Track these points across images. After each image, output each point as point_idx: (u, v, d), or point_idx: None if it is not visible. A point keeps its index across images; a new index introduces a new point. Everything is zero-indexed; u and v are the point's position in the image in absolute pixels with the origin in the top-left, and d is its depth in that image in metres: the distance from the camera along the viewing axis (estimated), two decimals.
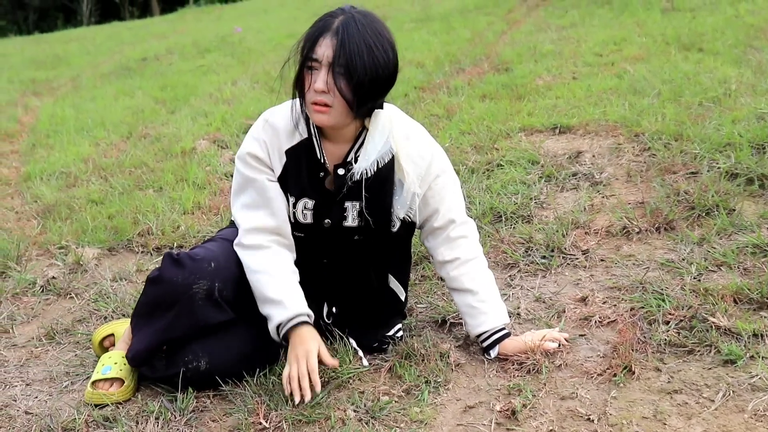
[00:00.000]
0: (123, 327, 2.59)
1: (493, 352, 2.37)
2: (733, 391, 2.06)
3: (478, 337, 2.40)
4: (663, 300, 2.52)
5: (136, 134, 5.69)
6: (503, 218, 3.37)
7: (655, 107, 4.35)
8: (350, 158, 2.26)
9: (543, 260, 2.98)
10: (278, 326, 2.26)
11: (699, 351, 2.26)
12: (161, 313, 2.30)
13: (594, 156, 3.89)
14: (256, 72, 7.76)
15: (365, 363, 2.40)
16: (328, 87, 2.08)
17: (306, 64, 2.11)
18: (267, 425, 2.13)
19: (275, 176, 2.28)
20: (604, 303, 2.61)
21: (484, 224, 3.31)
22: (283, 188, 2.30)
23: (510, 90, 5.34)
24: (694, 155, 3.59)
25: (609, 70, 5.48)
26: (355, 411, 2.17)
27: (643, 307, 2.52)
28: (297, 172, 2.28)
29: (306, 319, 2.27)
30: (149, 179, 4.48)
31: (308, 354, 2.21)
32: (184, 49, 10.37)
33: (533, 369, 2.28)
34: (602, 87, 4.99)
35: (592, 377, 2.22)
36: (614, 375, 2.19)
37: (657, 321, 2.42)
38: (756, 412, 1.97)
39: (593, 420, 2.02)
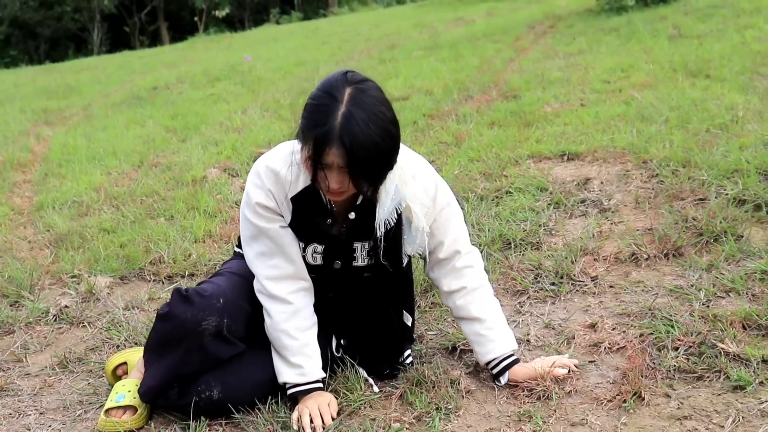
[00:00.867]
0: (136, 355, 2.61)
1: (503, 379, 2.39)
2: (743, 417, 2.07)
3: (488, 365, 2.42)
4: (672, 326, 2.53)
5: (147, 163, 5.74)
6: (512, 245, 3.39)
7: (663, 134, 4.37)
8: (359, 202, 2.27)
9: (552, 287, 3.00)
10: (289, 385, 2.34)
11: (708, 377, 2.27)
12: (171, 349, 2.33)
13: (602, 183, 3.91)
14: (266, 100, 7.83)
15: (376, 389, 2.41)
16: (344, 185, 2.07)
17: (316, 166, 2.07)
18: None
19: (287, 222, 2.28)
20: (614, 329, 2.62)
21: (494, 251, 3.33)
22: (294, 233, 2.31)
23: (518, 117, 5.37)
24: (702, 182, 3.61)
25: (617, 97, 5.51)
26: None
27: (652, 333, 2.53)
28: (305, 219, 2.28)
29: (320, 386, 2.35)
30: (160, 208, 4.52)
31: (320, 403, 2.29)
32: (195, 78, 10.46)
33: (543, 395, 2.29)
34: (610, 114, 5.02)
35: (602, 403, 2.23)
36: (624, 401, 2.20)
37: (666, 347, 2.43)
38: None
39: None
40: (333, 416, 2.29)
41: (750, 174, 3.54)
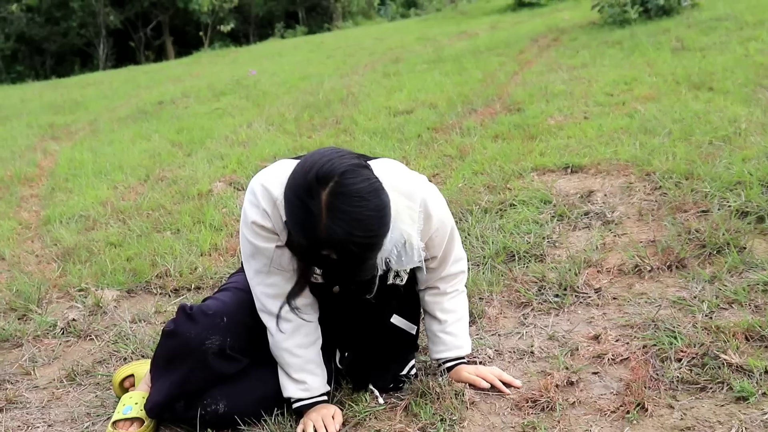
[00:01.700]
0: (143, 368, 2.64)
1: (445, 375, 2.52)
2: (746, 428, 2.08)
3: (436, 359, 2.55)
4: (675, 337, 2.55)
5: (154, 177, 5.77)
6: (516, 257, 3.41)
7: (666, 146, 4.39)
8: None
9: (556, 299, 3.01)
10: (293, 400, 2.37)
11: (711, 388, 2.29)
12: (177, 366, 2.36)
13: (606, 195, 3.93)
14: (271, 114, 7.86)
15: (381, 401, 2.43)
16: None
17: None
18: None
19: (283, 242, 2.23)
20: (617, 341, 2.64)
21: (498, 263, 3.35)
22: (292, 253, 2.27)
23: (522, 130, 5.40)
24: (705, 194, 3.62)
25: (620, 110, 5.53)
26: None
27: (656, 345, 2.54)
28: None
29: (324, 399, 2.38)
30: (167, 221, 4.55)
31: (324, 415, 2.32)
32: (200, 93, 10.51)
33: (547, 406, 2.30)
34: (613, 126, 5.04)
35: (606, 414, 2.24)
36: (627, 412, 2.22)
37: (669, 358, 2.45)
38: None
39: None
40: (337, 428, 2.31)
41: (753, 186, 3.56)
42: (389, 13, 24.63)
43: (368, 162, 2.15)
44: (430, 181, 4.27)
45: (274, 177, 2.18)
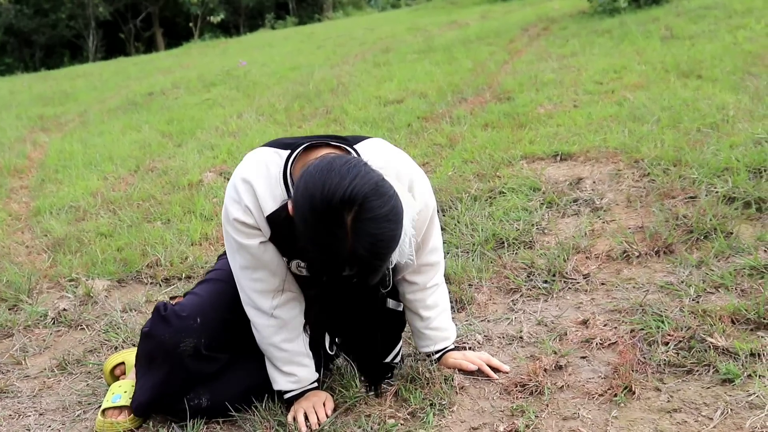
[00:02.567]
0: (133, 356, 2.65)
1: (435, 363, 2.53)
2: (731, 410, 2.10)
3: (423, 353, 2.56)
4: (662, 321, 2.57)
5: (144, 168, 5.77)
6: (505, 244, 3.42)
7: (655, 134, 4.41)
8: None
9: (545, 285, 3.03)
10: (284, 391, 2.38)
11: (697, 371, 2.31)
12: (156, 367, 2.38)
13: (594, 182, 3.95)
14: (261, 105, 7.86)
15: (372, 393, 2.45)
16: None
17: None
18: None
19: (266, 237, 2.20)
20: (605, 325, 2.66)
21: (487, 250, 3.37)
22: (276, 247, 2.25)
23: (512, 119, 5.41)
24: (693, 180, 3.64)
25: (609, 98, 5.55)
26: None
27: (643, 329, 2.56)
28: (284, 237, 2.20)
29: (315, 387, 2.40)
30: (157, 212, 4.55)
31: (314, 402, 2.34)
32: (190, 83, 10.49)
33: (536, 390, 2.32)
34: (602, 114, 5.06)
35: (594, 398, 2.26)
36: (615, 395, 2.24)
37: (656, 342, 2.47)
38: (753, 430, 2.01)
39: None
40: (328, 413, 2.32)
41: (740, 172, 3.58)
42: (380, 3, 24.59)
43: (356, 146, 2.16)
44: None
45: (254, 169, 2.15)
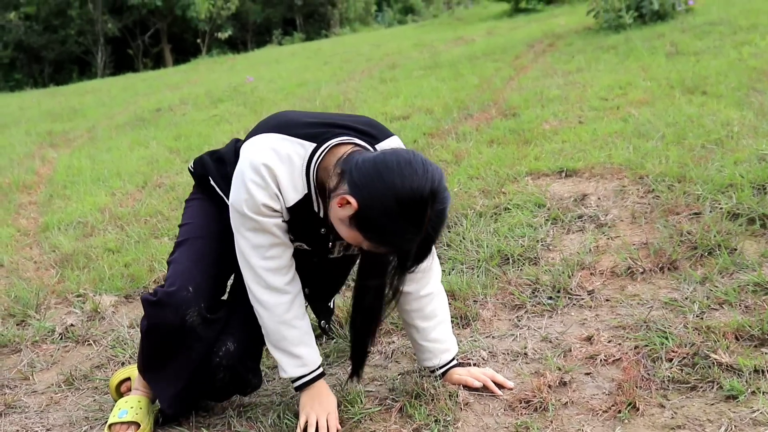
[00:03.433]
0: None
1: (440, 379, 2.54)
2: (735, 426, 2.11)
3: (425, 367, 2.58)
4: (666, 338, 2.58)
5: (151, 184, 5.80)
6: (510, 261, 3.44)
7: (659, 150, 4.42)
8: None
9: (549, 301, 3.05)
10: (293, 379, 2.39)
11: (701, 387, 2.32)
12: (172, 356, 2.39)
13: (599, 198, 3.96)
14: None
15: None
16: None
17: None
18: None
19: (286, 219, 2.28)
20: (609, 342, 2.67)
21: (492, 267, 3.38)
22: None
23: (517, 135, 5.43)
24: (697, 196, 3.66)
25: (614, 114, 5.56)
26: None
27: (647, 345, 2.57)
28: (298, 223, 2.30)
29: (322, 373, 2.41)
30: (164, 227, 4.58)
31: (329, 413, 2.35)
32: (198, 100, 10.54)
33: (540, 407, 2.34)
34: (607, 131, 5.08)
35: (598, 414, 2.27)
36: (619, 411, 2.25)
37: (660, 358, 2.48)
38: None
39: None
40: (339, 428, 2.34)
41: (744, 188, 3.59)
42: (386, 20, 24.69)
43: (377, 146, 2.26)
44: None
45: (276, 158, 2.20)
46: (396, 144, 2.32)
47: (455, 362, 2.56)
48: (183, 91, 11.92)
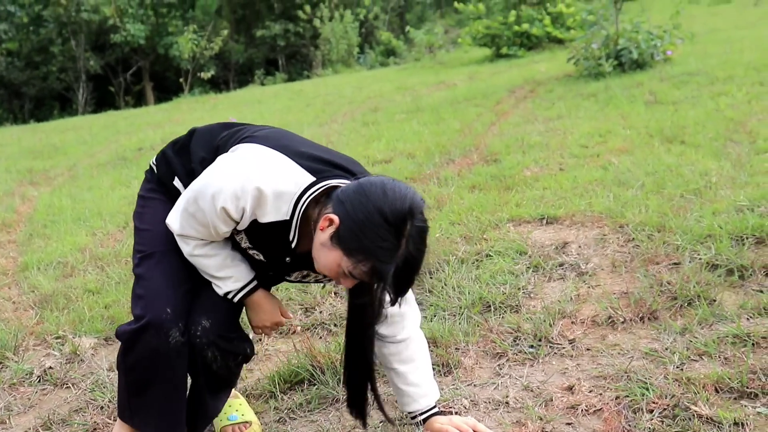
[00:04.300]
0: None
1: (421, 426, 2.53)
2: None
3: (406, 412, 2.56)
4: (647, 389, 2.60)
5: (132, 224, 5.78)
6: (492, 308, 3.45)
7: (639, 199, 4.48)
8: None
9: (531, 349, 3.06)
10: (231, 294, 2.41)
11: None
12: (158, 383, 2.38)
13: (580, 246, 4.00)
14: None
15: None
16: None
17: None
18: None
19: (241, 228, 2.28)
20: (590, 392, 2.68)
21: (474, 314, 3.39)
22: (246, 235, 2.34)
23: (498, 181, 5.48)
24: (677, 246, 3.70)
25: (594, 162, 5.63)
26: None
27: (628, 396, 2.59)
28: (265, 239, 2.30)
29: (256, 284, 2.43)
30: None
31: (274, 321, 2.49)
32: None
33: None
34: (588, 178, 5.14)
35: None
36: None
37: (641, 409, 2.50)
38: None
39: None
40: (287, 316, 2.51)
41: (722, 239, 3.64)
42: (368, 62, 24.82)
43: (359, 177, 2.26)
44: None
45: (277, 184, 2.19)
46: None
47: (436, 409, 2.55)
48: (165, 130, 11.92)
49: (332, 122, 10.04)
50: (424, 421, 2.53)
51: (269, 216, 2.20)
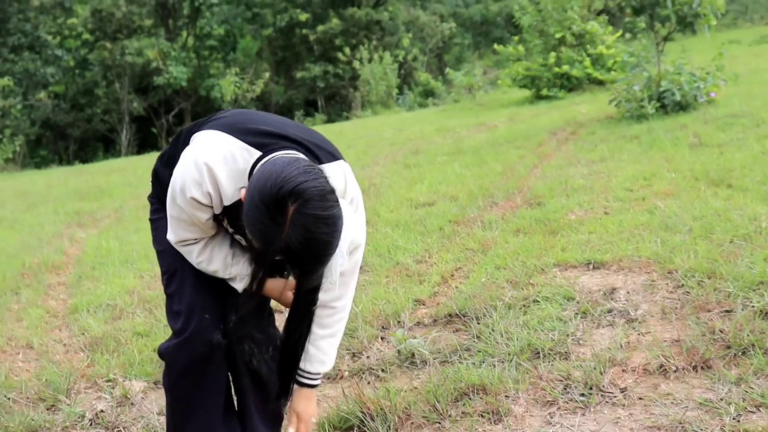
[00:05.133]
0: None
1: (295, 387, 2.55)
2: None
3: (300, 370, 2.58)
4: None
5: None
6: (541, 354, 3.43)
7: (687, 244, 4.44)
8: None
9: (582, 398, 3.03)
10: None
11: None
12: (202, 391, 2.50)
13: (628, 292, 3.97)
14: None
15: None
16: None
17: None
18: None
19: (218, 212, 2.35)
20: None
21: (523, 361, 3.37)
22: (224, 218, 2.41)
23: (543, 225, 5.47)
24: (728, 293, 3.66)
25: (640, 206, 5.60)
26: None
27: None
28: (237, 220, 2.31)
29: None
30: None
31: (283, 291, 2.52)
32: None
33: None
34: (634, 223, 5.11)
35: None
36: None
37: None
38: None
39: None
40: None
41: None
42: (407, 103, 24.97)
43: (323, 167, 2.27)
44: (452, 275, 4.32)
45: (220, 158, 2.26)
46: (340, 170, 2.37)
47: (318, 382, 2.57)
48: None
49: (374, 164, 10.09)
50: (301, 386, 2.55)
51: (231, 196, 2.28)
